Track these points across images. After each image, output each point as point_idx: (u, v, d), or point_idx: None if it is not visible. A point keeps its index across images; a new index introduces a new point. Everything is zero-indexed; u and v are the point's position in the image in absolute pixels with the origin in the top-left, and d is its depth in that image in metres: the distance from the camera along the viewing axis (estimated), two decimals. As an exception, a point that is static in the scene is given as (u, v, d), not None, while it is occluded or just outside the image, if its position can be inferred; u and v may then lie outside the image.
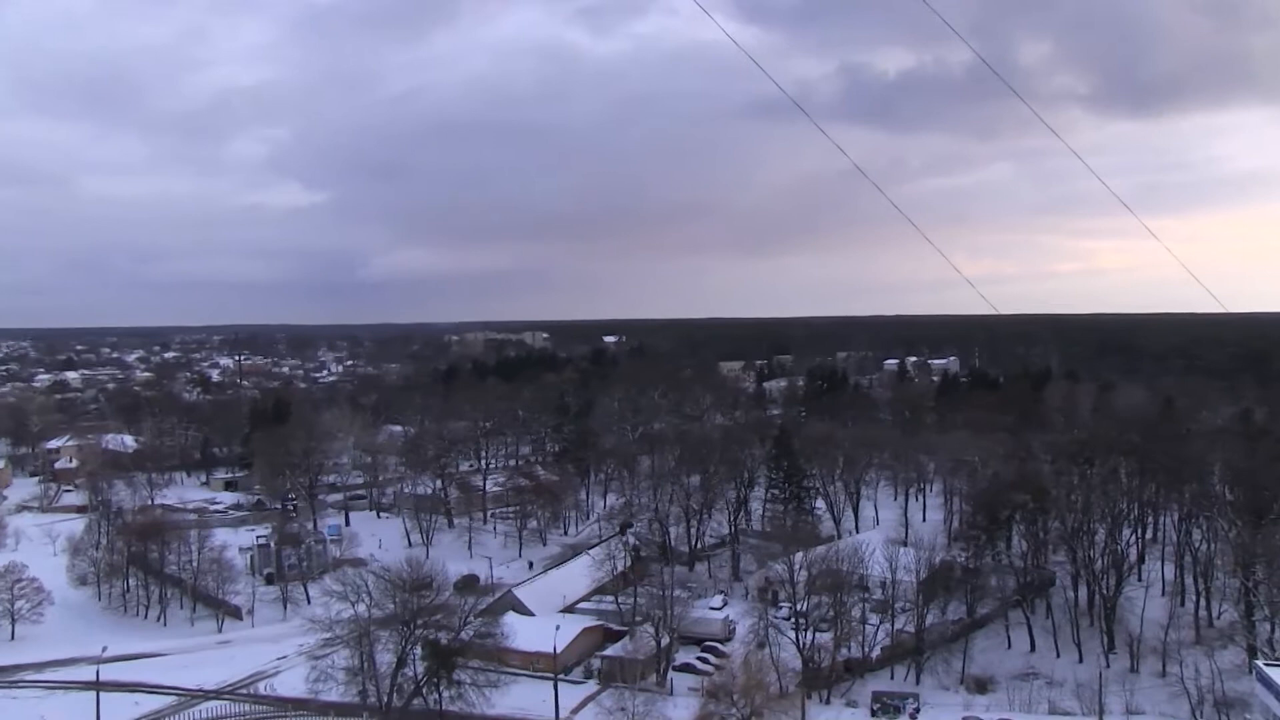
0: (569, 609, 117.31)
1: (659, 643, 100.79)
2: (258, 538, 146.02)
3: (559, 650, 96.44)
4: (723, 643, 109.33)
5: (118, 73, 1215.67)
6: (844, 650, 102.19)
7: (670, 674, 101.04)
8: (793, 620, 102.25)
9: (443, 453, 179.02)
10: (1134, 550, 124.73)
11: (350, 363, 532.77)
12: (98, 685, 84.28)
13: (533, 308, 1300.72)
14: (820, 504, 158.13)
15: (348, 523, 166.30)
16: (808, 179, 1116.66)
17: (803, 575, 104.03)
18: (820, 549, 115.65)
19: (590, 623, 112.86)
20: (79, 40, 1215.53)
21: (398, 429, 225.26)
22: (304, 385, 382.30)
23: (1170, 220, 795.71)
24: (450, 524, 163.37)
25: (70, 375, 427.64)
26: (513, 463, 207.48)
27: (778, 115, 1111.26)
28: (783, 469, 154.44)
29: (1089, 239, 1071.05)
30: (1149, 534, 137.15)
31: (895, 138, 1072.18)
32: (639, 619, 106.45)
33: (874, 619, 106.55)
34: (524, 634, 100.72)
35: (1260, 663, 76.41)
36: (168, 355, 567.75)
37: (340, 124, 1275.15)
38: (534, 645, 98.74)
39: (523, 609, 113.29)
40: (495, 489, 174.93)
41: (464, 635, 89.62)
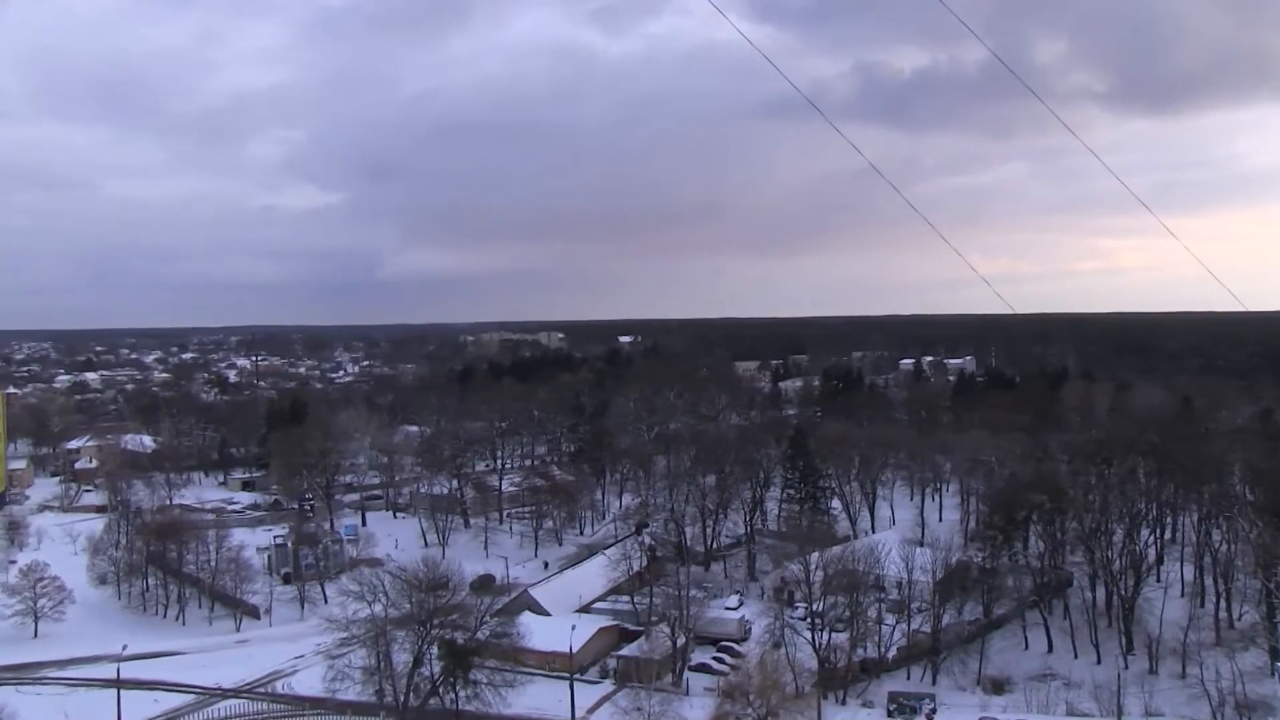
0: (585, 609, 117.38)
1: (675, 643, 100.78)
2: (275, 538, 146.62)
3: (575, 650, 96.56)
4: (738, 643, 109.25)
5: (135, 76, 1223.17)
6: (860, 650, 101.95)
7: (686, 674, 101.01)
8: (809, 620, 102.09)
9: (459, 453, 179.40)
10: (1152, 551, 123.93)
11: (366, 363, 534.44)
12: (118, 683, 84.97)
13: (548, 308, 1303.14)
14: (836, 504, 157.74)
15: (364, 523, 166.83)
16: (822, 178, 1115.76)
17: (818, 575, 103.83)
18: (836, 549, 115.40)
19: (606, 623, 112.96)
20: (97, 45, 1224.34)
21: (414, 429, 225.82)
22: (320, 386, 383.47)
23: (1189, 218, 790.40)
24: (466, 524, 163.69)
25: (90, 376, 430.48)
26: (528, 463, 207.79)
27: (792, 115, 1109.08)
28: (798, 469, 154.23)
29: (1107, 238, 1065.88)
30: (1168, 534, 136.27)
31: (910, 137, 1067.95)
32: (655, 619, 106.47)
33: (890, 619, 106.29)
34: (540, 634, 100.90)
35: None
36: (185, 356, 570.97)
37: (355, 125, 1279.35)
38: (550, 645, 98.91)
39: (539, 609, 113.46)
40: (511, 489, 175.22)
41: (480, 635, 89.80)
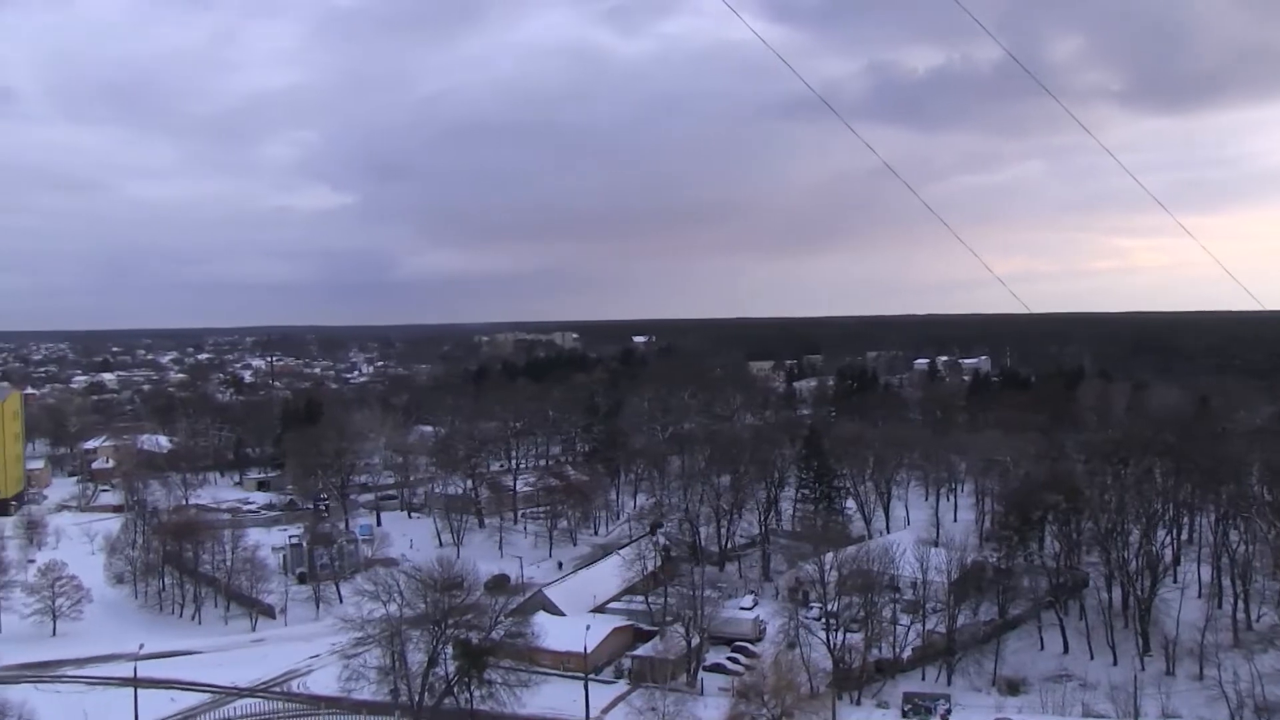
0: (599, 609, 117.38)
1: (689, 643, 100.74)
2: (290, 537, 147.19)
3: (589, 650, 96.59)
4: (753, 643, 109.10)
5: (150, 78, 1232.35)
6: (875, 651, 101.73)
7: (700, 674, 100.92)
8: (823, 620, 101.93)
9: (473, 453, 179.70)
10: (1169, 551, 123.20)
11: (381, 363, 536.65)
12: (135, 682, 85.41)
13: (563, 308, 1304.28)
14: (850, 504, 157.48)
15: (379, 523, 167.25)
16: (837, 178, 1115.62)
17: (833, 575, 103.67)
18: (851, 549, 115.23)
19: (621, 622, 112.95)
20: (112, 47, 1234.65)
21: (428, 429, 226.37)
22: (335, 386, 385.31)
23: (1207, 217, 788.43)
24: (481, 524, 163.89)
25: (107, 377, 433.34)
26: (543, 463, 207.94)
27: (806, 114, 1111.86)
28: (813, 469, 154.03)
29: (1123, 237, 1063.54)
30: (1184, 535, 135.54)
31: (924, 136, 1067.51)
32: (669, 619, 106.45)
33: (905, 619, 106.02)
34: (554, 634, 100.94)
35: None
36: (201, 357, 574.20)
37: (368, 126, 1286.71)
38: (564, 645, 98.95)
39: (553, 609, 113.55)
40: (525, 489, 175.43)
41: (495, 635, 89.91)
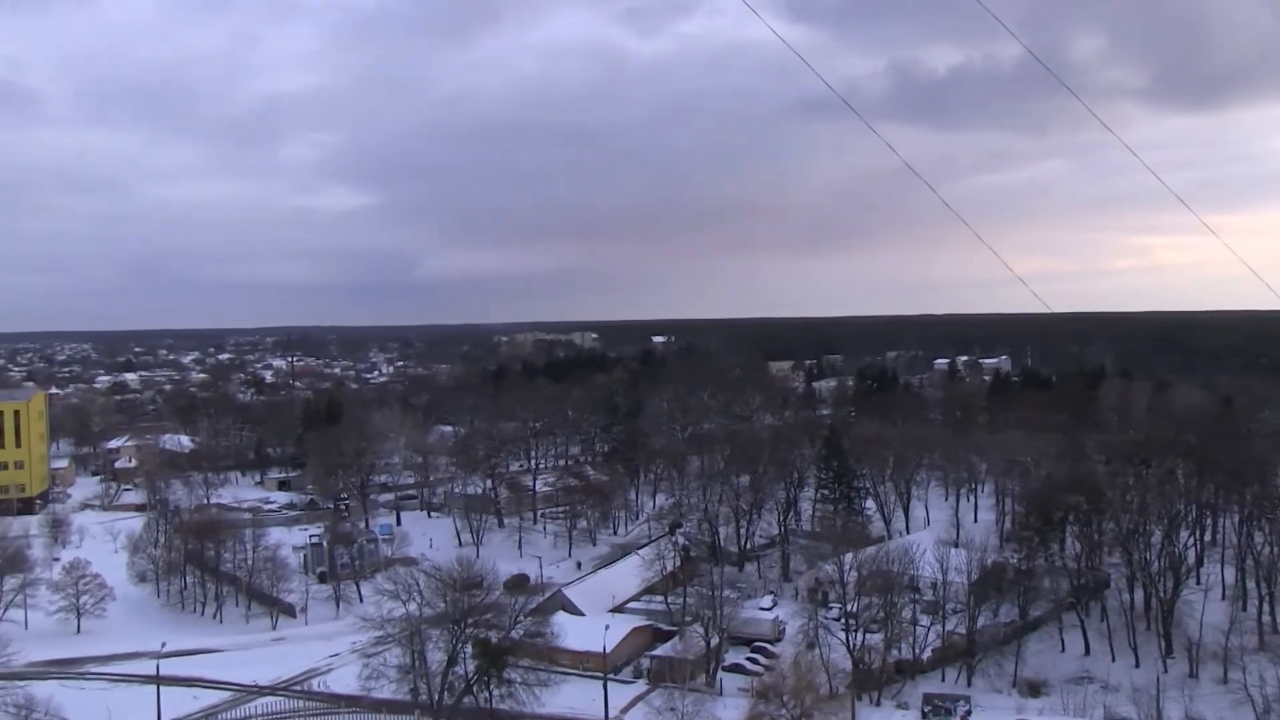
0: (618, 609, 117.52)
1: (708, 643, 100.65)
2: (311, 537, 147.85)
3: (609, 650, 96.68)
4: (772, 643, 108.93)
5: (173, 81, 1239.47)
6: (894, 652, 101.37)
7: (720, 674, 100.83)
8: (843, 621, 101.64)
9: (493, 453, 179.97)
10: (1192, 553, 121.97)
11: (401, 363, 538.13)
12: (158, 679, 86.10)
13: (582, 308, 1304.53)
14: (870, 504, 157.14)
15: (399, 522, 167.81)
16: (856, 178, 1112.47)
17: (853, 576, 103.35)
18: (870, 549, 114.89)
19: (640, 622, 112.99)
20: (136, 51, 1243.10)
21: (448, 429, 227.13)
22: (355, 386, 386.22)
23: (1231, 215, 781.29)
24: (500, 524, 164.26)
25: (129, 377, 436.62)
26: (562, 463, 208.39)
27: (826, 114, 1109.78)
28: (832, 469, 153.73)
29: (1145, 235, 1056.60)
30: (1208, 536, 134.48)
31: (945, 135, 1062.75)
32: (688, 619, 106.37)
33: (925, 620, 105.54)
34: (574, 633, 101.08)
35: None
36: (222, 357, 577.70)
37: (389, 128, 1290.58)
38: (584, 645, 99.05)
39: (572, 608, 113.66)
40: (545, 489, 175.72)
41: (514, 634, 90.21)
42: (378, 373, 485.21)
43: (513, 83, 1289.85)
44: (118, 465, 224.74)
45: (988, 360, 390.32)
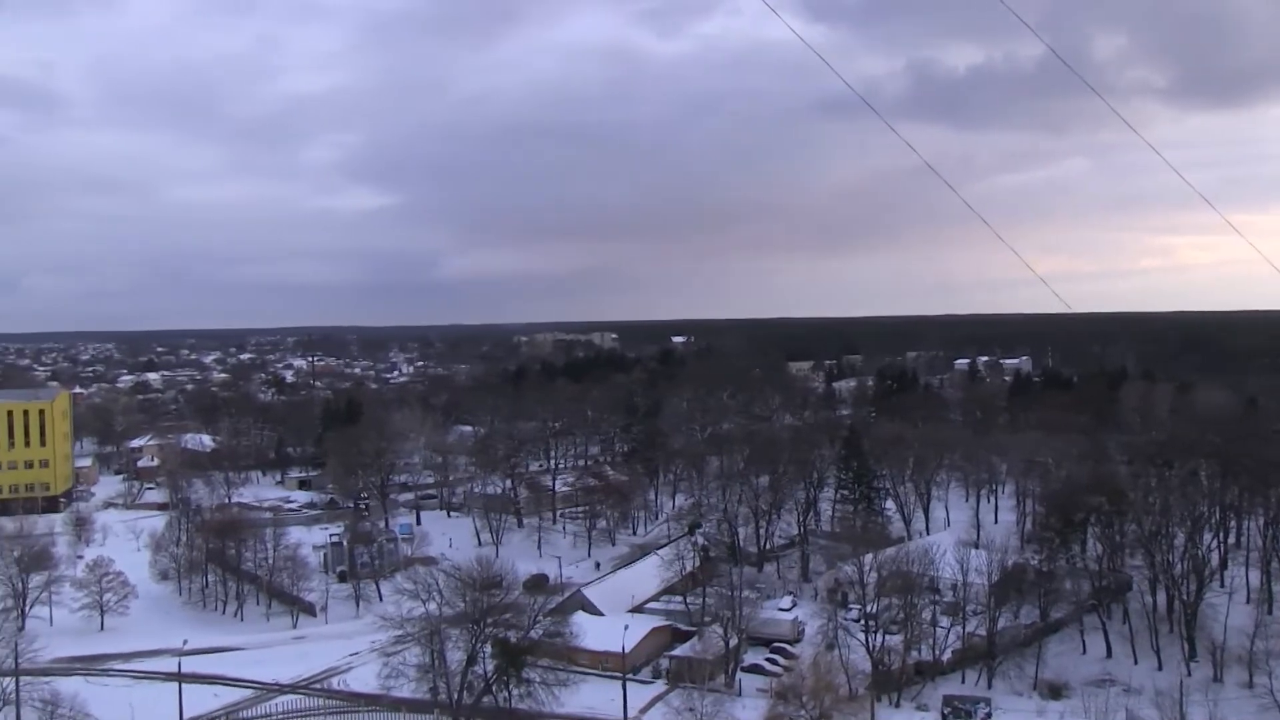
0: (638, 609, 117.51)
1: (727, 643, 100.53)
2: (331, 536, 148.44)
3: (628, 650, 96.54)
4: (791, 644, 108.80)
5: (197, 83, 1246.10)
6: (914, 653, 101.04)
7: (739, 675, 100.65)
8: (862, 622, 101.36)
9: (512, 453, 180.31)
10: (1216, 555, 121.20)
11: (421, 363, 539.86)
12: (180, 677, 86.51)
13: (601, 308, 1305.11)
14: (890, 505, 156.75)
15: (419, 522, 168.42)
16: (876, 177, 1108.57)
17: (872, 576, 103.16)
18: (890, 550, 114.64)
19: (659, 623, 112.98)
20: (160, 53, 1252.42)
21: (468, 429, 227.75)
22: (375, 386, 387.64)
23: (1257, 214, 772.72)
24: (520, 524, 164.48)
25: (151, 376, 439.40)
26: (582, 463, 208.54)
27: (845, 114, 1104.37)
28: (852, 469, 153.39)
29: (1168, 235, 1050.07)
30: (1232, 539, 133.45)
31: (965, 134, 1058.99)
32: (707, 619, 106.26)
33: (945, 621, 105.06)
34: (593, 633, 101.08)
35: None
36: (243, 357, 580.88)
37: (409, 128, 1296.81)
38: (603, 645, 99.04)
39: (592, 608, 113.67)
40: (564, 489, 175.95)
41: (533, 634, 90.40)
42: (398, 372, 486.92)
43: (532, 83, 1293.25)
44: (140, 464, 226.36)
45: (1008, 360, 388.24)
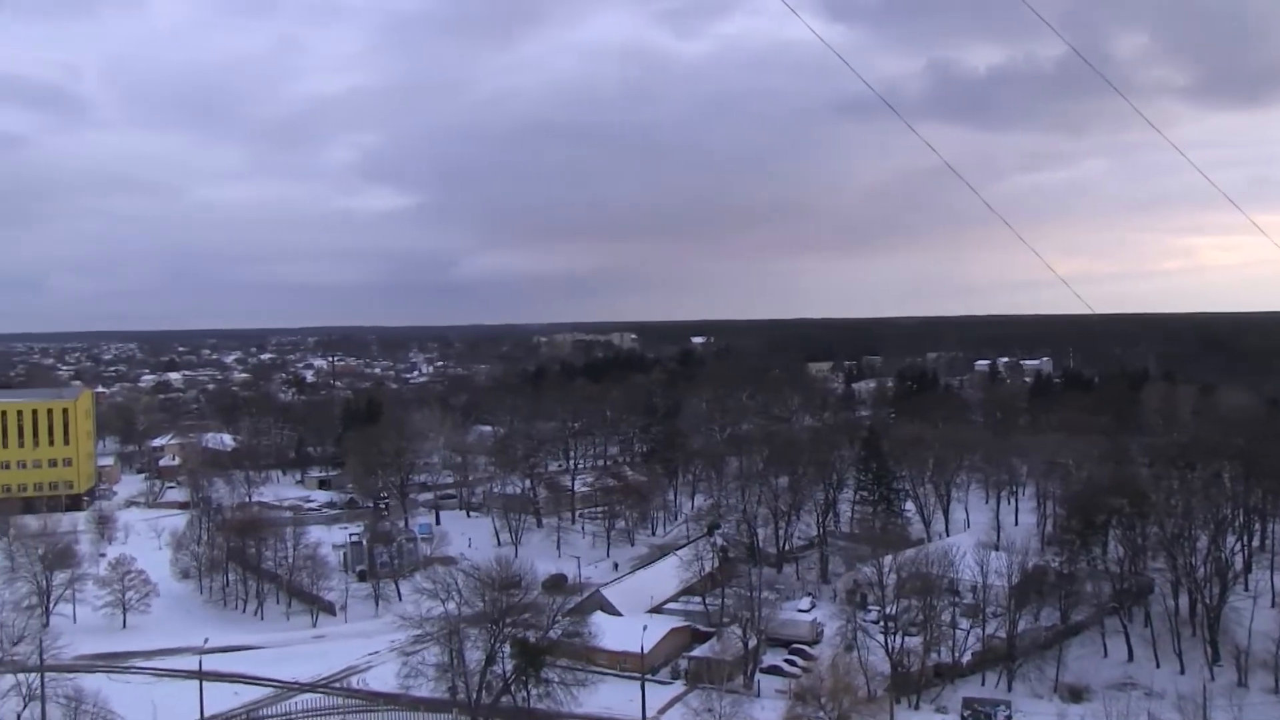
0: (656, 609, 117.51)
1: (746, 644, 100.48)
2: (351, 535, 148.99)
3: (646, 650, 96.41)
4: (810, 645, 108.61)
5: (218, 84, 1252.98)
6: (934, 655, 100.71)
7: (757, 676, 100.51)
8: (881, 623, 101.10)
9: (531, 453, 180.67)
10: (1240, 558, 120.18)
11: (440, 364, 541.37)
12: (200, 675, 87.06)
13: (620, 309, 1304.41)
14: (910, 506, 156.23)
15: (438, 521, 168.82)
16: (896, 178, 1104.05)
17: (892, 578, 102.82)
18: (910, 552, 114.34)
19: (678, 623, 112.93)
20: (182, 55, 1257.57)
21: (487, 429, 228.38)
22: (395, 386, 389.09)
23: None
24: (539, 524, 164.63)
25: (173, 376, 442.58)
26: (601, 463, 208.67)
27: (865, 114, 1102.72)
28: (872, 470, 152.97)
29: (1190, 235, 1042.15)
30: (1256, 541, 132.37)
31: (985, 135, 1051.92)
32: (726, 620, 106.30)
33: (964, 623, 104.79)
34: (612, 634, 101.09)
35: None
36: (264, 356, 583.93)
37: (429, 129, 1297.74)
38: (621, 645, 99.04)
39: (610, 609, 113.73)
40: (583, 489, 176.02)
41: (552, 634, 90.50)
42: (417, 373, 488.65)
43: (551, 83, 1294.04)
44: (162, 463, 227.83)
45: (1029, 361, 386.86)
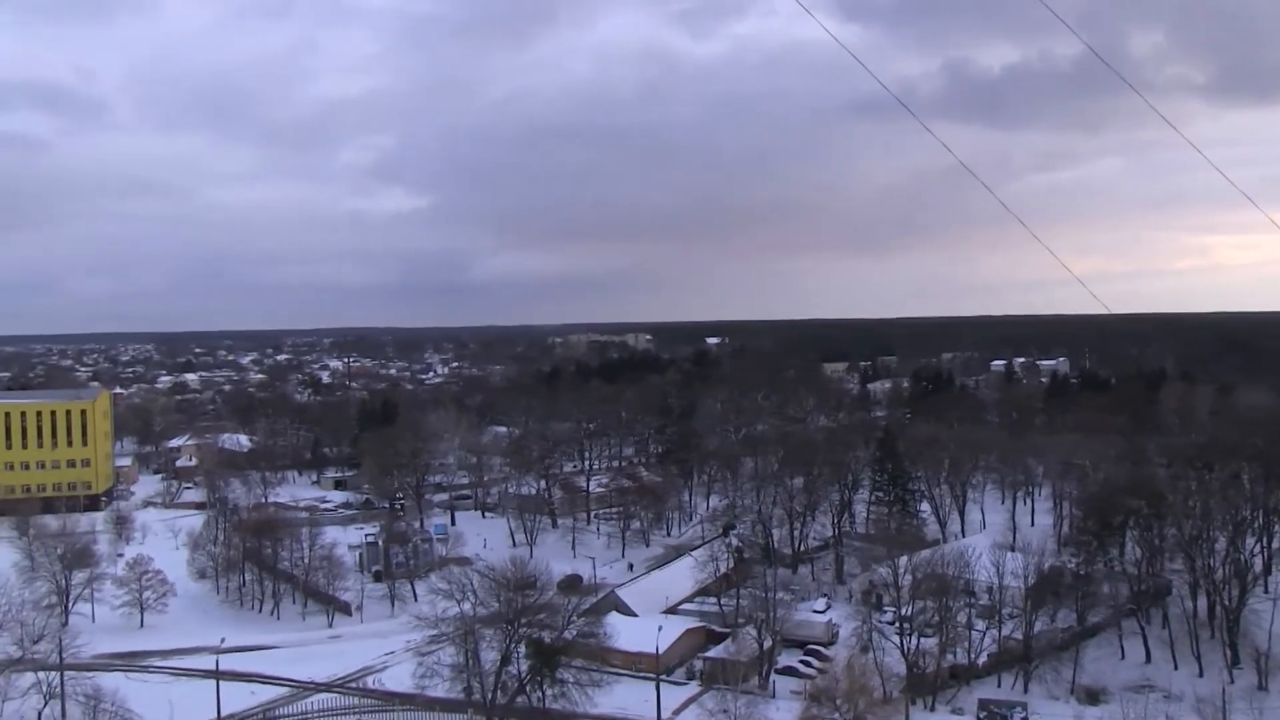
0: (671, 610, 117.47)
1: (761, 645, 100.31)
2: (366, 536, 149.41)
3: (661, 651, 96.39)
4: (825, 646, 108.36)
5: (232, 86, 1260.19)
6: (949, 656, 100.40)
7: (772, 677, 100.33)
8: (897, 624, 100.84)
9: (547, 453, 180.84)
10: (1259, 560, 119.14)
11: (456, 364, 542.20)
12: (217, 674, 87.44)
13: (635, 309, 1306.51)
14: (925, 507, 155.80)
15: (453, 522, 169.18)
16: (910, 177, 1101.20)
17: (907, 579, 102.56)
18: (925, 552, 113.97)
19: (693, 624, 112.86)
20: (198, 58, 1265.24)
21: (502, 430, 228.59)
22: (411, 387, 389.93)
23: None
24: (554, 524, 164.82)
25: (190, 377, 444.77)
26: (616, 463, 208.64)
27: (879, 114, 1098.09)
28: (887, 471, 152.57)
29: (1207, 234, 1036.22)
30: (1276, 543, 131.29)
31: (1000, 134, 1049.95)
32: (741, 621, 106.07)
33: (980, 625, 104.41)
34: (626, 634, 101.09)
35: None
36: (280, 358, 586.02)
37: (443, 130, 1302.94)
38: (636, 645, 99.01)
39: (625, 609, 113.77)
40: (598, 490, 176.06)
41: (567, 634, 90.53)
42: (433, 373, 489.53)
43: (565, 84, 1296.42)
44: (178, 464, 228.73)
45: (1045, 362, 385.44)
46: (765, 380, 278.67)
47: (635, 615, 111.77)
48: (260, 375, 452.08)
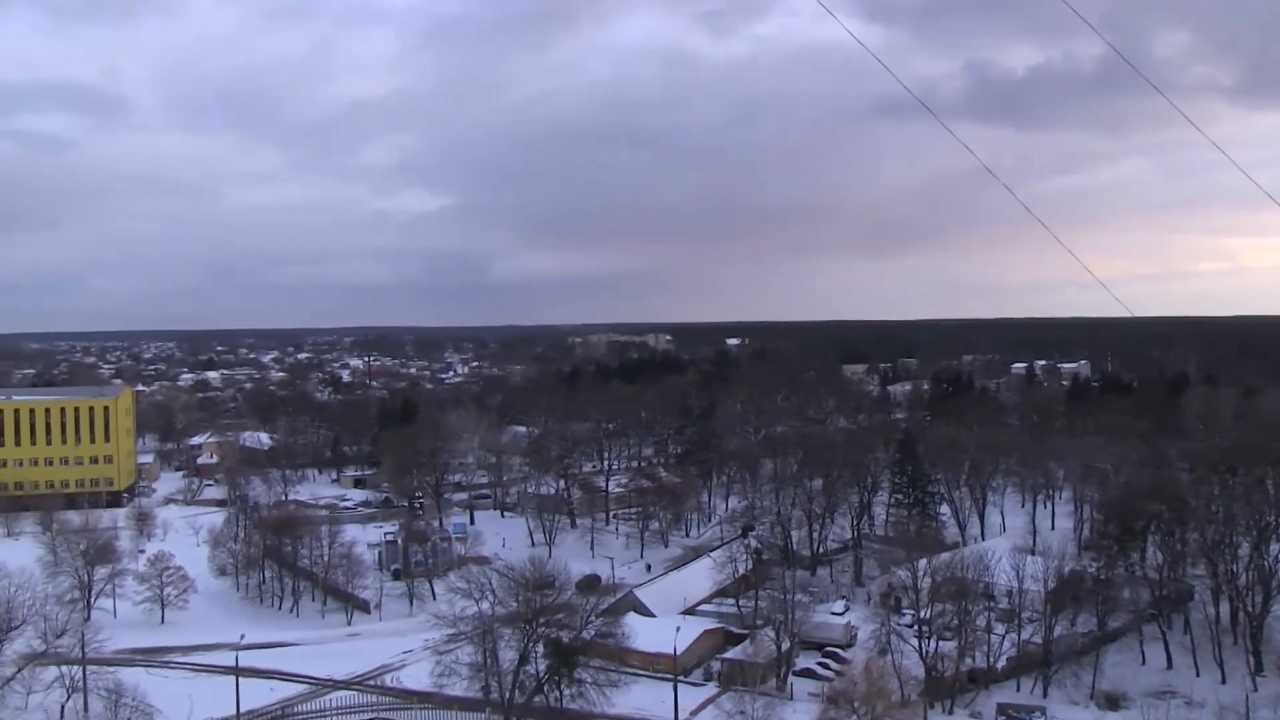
0: (690, 611, 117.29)
1: (779, 647, 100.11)
2: (386, 534, 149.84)
3: (679, 652, 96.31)
4: (844, 648, 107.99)
5: (257, 87, 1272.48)
6: (968, 660, 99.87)
7: (790, 678, 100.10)
8: (915, 627, 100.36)
9: (566, 453, 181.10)
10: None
11: (476, 364, 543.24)
12: (237, 670, 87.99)
13: (655, 310, 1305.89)
14: (945, 509, 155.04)
15: (472, 521, 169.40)
16: (932, 179, 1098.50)
17: (926, 582, 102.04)
18: (944, 555, 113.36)
19: (711, 625, 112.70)
20: (223, 59, 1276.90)
21: (522, 429, 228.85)
22: (431, 386, 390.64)
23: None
24: (573, 524, 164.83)
25: (211, 375, 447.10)
26: (635, 464, 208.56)
27: (901, 115, 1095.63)
28: (907, 473, 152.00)
29: (1231, 236, 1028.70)
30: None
31: (1022, 135, 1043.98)
32: (760, 622, 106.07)
33: (999, 628, 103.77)
34: (644, 635, 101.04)
35: None
36: (301, 356, 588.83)
37: (465, 131, 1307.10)
38: (654, 646, 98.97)
39: (644, 610, 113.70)
40: (618, 490, 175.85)
41: (585, 634, 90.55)
42: (453, 373, 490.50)
43: (587, 85, 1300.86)
44: (200, 461, 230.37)
45: (1066, 364, 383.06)
46: (785, 381, 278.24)
47: (653, 616, 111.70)
48: (281, 373, 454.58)
